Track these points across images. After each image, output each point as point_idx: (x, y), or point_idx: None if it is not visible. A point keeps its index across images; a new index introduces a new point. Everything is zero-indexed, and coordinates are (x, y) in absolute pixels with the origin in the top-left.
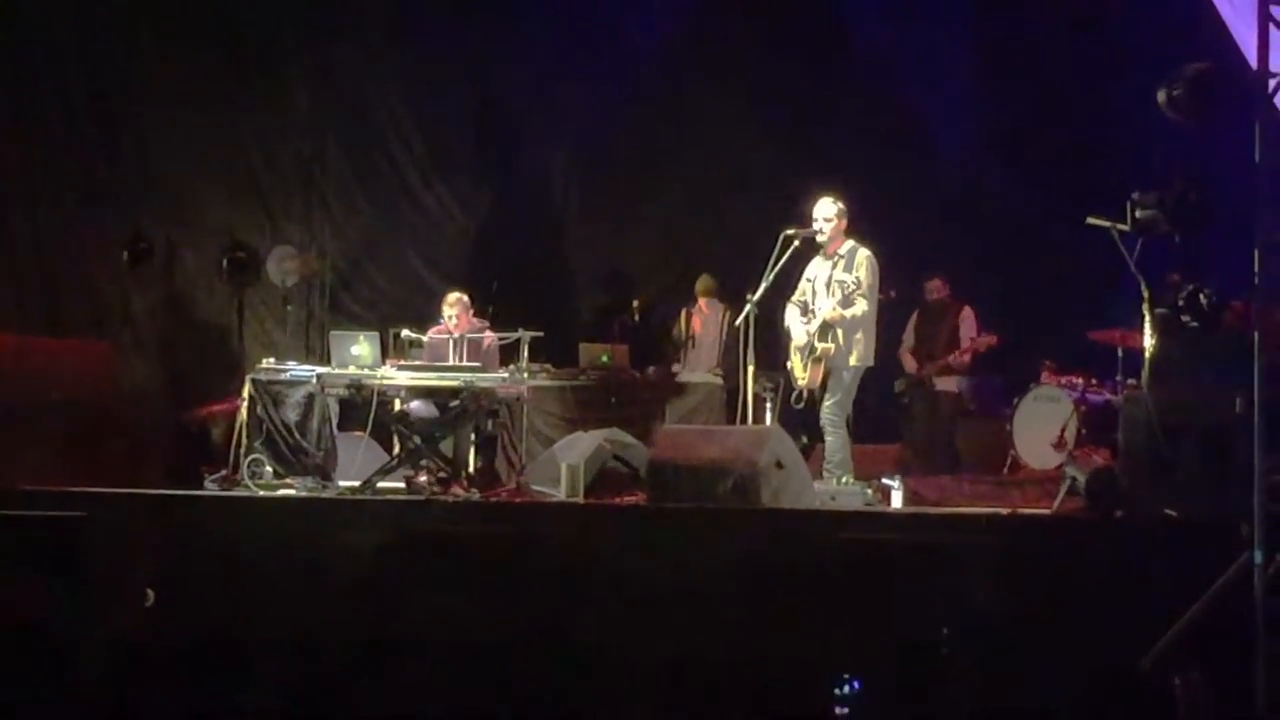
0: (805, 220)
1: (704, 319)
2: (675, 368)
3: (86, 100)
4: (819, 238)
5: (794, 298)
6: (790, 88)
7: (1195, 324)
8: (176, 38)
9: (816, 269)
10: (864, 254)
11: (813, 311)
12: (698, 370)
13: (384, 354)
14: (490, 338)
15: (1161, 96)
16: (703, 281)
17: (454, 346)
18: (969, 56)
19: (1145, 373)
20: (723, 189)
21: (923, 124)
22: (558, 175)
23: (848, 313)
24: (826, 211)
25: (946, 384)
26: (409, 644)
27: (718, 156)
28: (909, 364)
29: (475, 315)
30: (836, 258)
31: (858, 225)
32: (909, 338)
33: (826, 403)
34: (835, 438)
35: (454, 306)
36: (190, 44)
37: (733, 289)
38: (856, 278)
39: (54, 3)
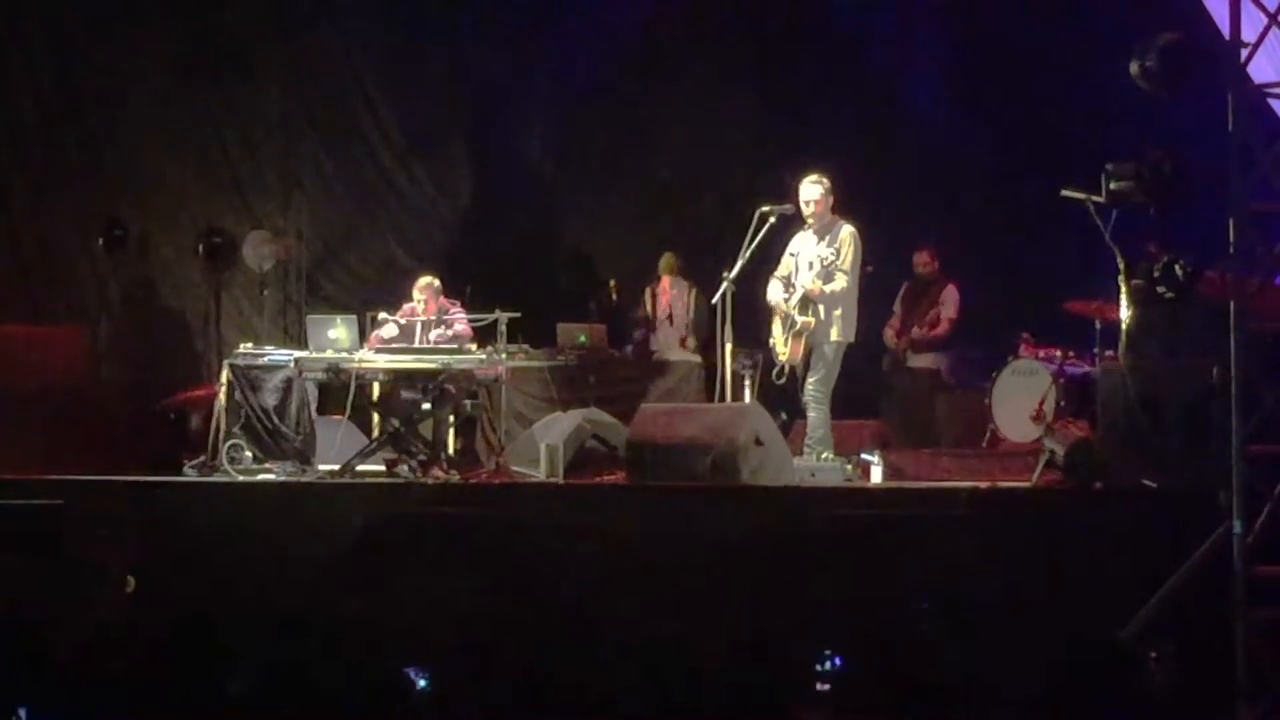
0: (783, 197)
1: (670, 297)
2: (652, 344)
3: (59, 87)
4: (807, 219)
5: (776, 272)
6: (767, 63)
7: (1171, 295)
8: (149, 22)
9: (800, 244)
10: (847, 230)
11: (794, 286)
12: (669, 348)
13: (361, 337)
14: (463, 322)
15: (1134, 68)
16: (665, 260)
17: (422, 330)
18: (944, 29)
19: (1122, 344)
20: (700, 166)
21: (899, 97)
22: (534, 156)
23: (827, 287)
24: (813, 194)
25: (924, 359)
26: (391, 626)
27: (695, 134)
28: (889, 338)
29: (446, 297)
30: (821, 233)
31: (840, 199)
32: (897, 308)
33: (810, 379)
34: (818, 414)
35: (423, 291)
36: (163, 28)
37: (710, 267)
38: (836, 250)
39: None
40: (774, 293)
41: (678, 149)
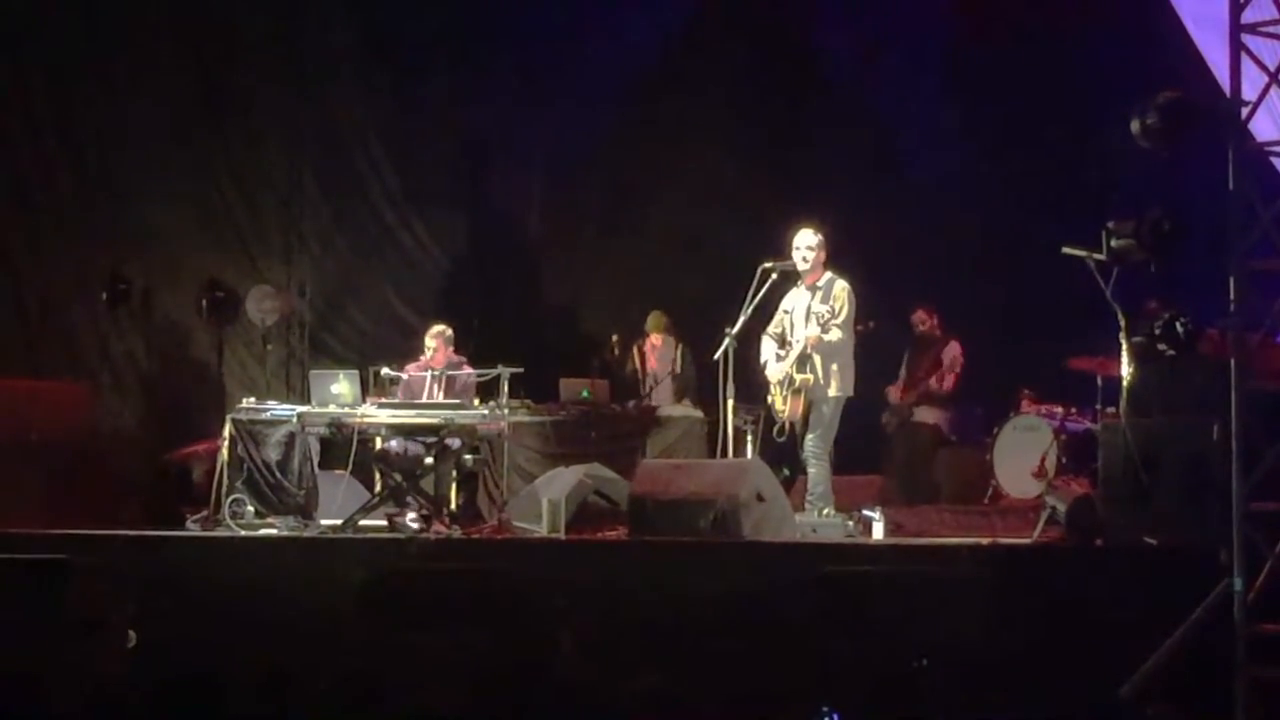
0: (782, 251)
1: (658, 354)
2: (646, 401)
3: (62, 142)
4: (800, 267)
5: (769, 329)
6: (766, 119)
7: (1172, 352)
8: (151, 77)
9: (794, 300)
10: (841, 285)
11: (790, 343)
12: (665, 404)
13: (364, 392)
14: (468, 374)
15: (1135, 125)
16: (654, 319)
17: (431, 382)
18: (944, 87)
19: (1123, 401)
20: (700, 220)
21: (899, 154)
22: (535, 209)
23: (825, 337)
24: (808, 241)
25: (925, 414)
26: (391, 682)
27: (695, 187)
28: (893, 395)
29: (455, 351)
30: (815, 289)
31: (835, 255)
32: (903, 370)
33: (809, 436)
34: (818, 470)
35: (435, 338)
36: (166, 84)
37: (712, 322)
38: (832, 308)
39: (27, 45)
40: (767, 353)
41: (676, 204)
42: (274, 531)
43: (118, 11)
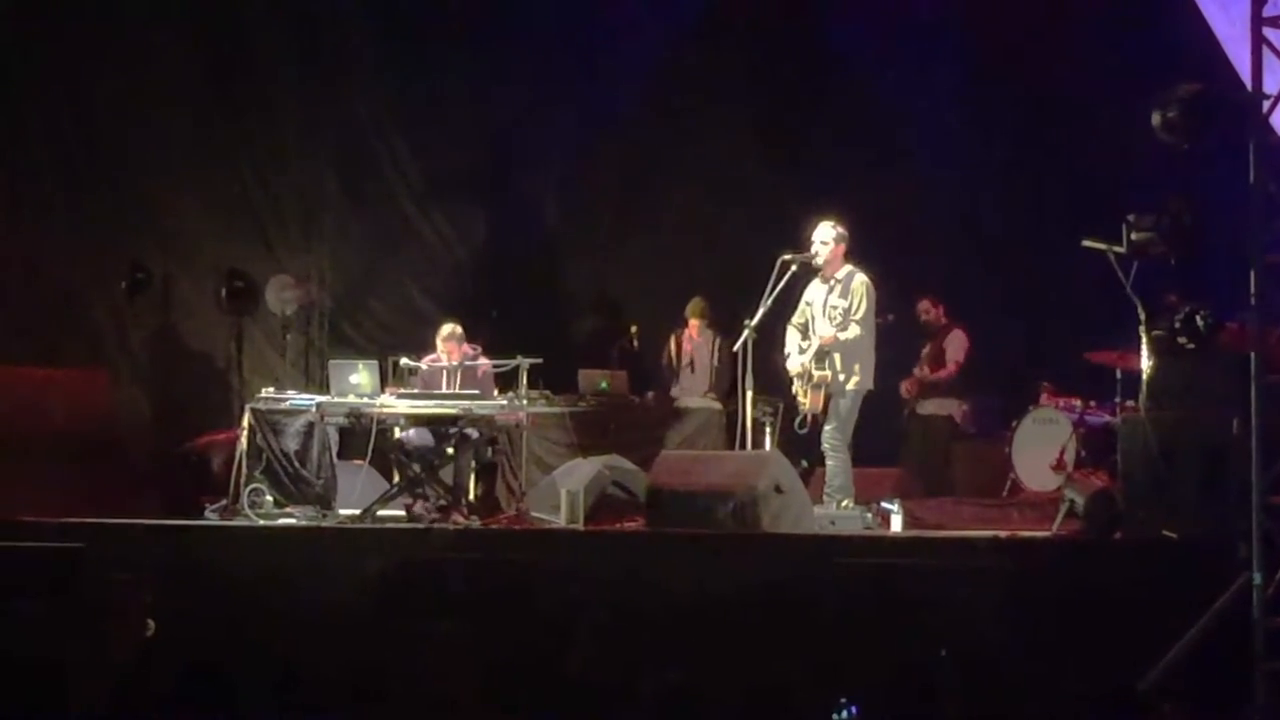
0: (801, 244)
1: (694, 344)
2: (674, 391)
3: (80, 131)
4: (816, 260)
5: (794, 320)
6: (782, 111)
7: (1191, 345)
8: (170, 66)
9: (814, 292)
10: (860, 279)
11: (812, 334)
12: (690, 395)
13: (383, 382)
14: (485, 365)
15: (1156, 119)
16: (694, 305)
17: (448, 376)
18: (962, 79)
19: (1143, 394)
20: (718, 212)
21: (918, 146)
22: (554, 201)
23: (842, 336)
24: (825, 235)
25: (933, 405)
26: (409, 673)
27: (713, 179)
28: (903, 390)
29: (469, 344)
30: (834, 282)
31: (852, 247)
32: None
33: (827, 428)
34: (836, 462)
35: (447, 341)
36: (185, 73)
37: (729, 313)
38: (850, 304)
39: (45, 34)
40: (791, 345)
41: (694, 196)
42: (293, 521)
43: (136, 1)
